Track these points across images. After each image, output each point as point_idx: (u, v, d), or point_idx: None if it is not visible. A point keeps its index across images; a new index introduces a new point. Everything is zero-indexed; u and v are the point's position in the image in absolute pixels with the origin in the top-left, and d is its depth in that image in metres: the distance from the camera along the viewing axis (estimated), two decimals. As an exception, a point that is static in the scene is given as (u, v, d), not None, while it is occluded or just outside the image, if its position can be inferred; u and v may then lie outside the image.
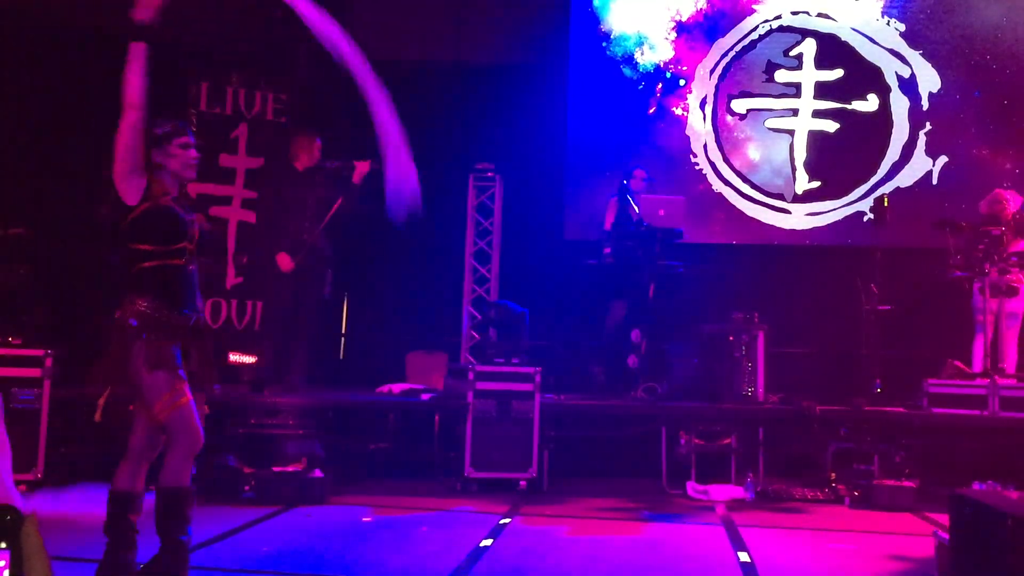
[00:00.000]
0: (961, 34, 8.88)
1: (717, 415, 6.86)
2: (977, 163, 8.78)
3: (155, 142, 3.73)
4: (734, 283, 8.46)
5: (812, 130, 8.98)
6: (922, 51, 8.90)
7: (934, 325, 7.93)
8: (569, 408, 7.04)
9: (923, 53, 8.90)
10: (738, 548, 4.97)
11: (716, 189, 9.05)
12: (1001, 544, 3.38)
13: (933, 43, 8.91)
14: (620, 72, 9.23)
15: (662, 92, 9.16)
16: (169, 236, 3.69)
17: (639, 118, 9.15)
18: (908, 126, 8.90)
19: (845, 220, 8.94)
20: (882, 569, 4.70)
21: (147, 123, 3.70)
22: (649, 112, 9.16)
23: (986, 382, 6.84)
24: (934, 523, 5.45)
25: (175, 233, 3.70)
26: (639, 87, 9.21)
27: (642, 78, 9.22)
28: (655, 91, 9.18)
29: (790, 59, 9.01)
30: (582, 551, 4.88)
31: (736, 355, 7.12)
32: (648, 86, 9.21)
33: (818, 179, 8.97)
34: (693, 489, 6.57)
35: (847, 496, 6.48)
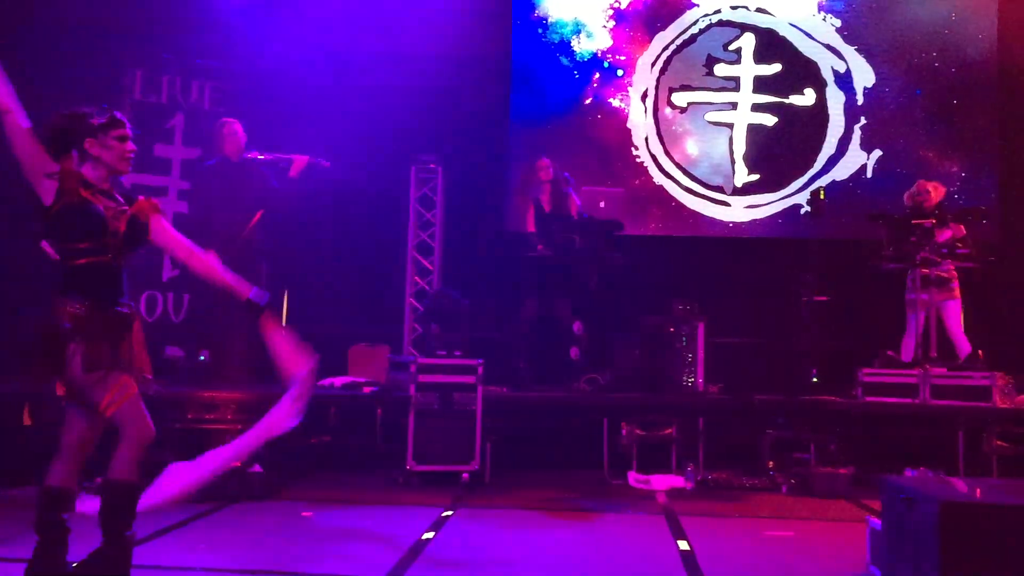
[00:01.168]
0: (898, 32, 9.07)
1: (658, 405, 6.93)
2: (912, 158, 8.98)
3: (91, 132, 3.65)
4: (675, 275, 8.55)
5: (751, 123, 9.10)
6: (857, 47, 9.08)
7: (869, 316, 8.10)
8: (512, 400, 7.05)
9: (858, 49, 9.08)
10: (678, 537, 5.03)
11: (657, 182, 9.13)
12: (930, 527, 3.47)
13: (868, 39, 9.09)
14: (557, 60, 9.22)
15: (599, 82, 9.18)
16: (88, 233, 3.60)
17: (577, 108, 9.16)
18: (844, 120, 9.07)
19: (783, 212, 9.09)
20: (817, 554, 4.80)
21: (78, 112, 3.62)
22: (586, 103, 9.17)
23: (918, 371, 7.01)
24: (868, 509, 5.57)
25: (93, 230, 3.60)
26: (575, 76, 9.21)
27: (579, 67, 9.23)
28: (592, 81, 9.20)
29: (729, 53, 9.12)
30: (524, 542, 4.89)
31: (677, 346, 7.20)
32: (585, 75, 9.22)
33: (757, 172, 9.10)
34: (635, 479, 6.63)
35: (784, 484, 6.59)
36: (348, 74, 8.88)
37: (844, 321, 7.90)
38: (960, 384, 6.91)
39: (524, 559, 4.53)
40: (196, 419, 6.20)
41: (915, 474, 6.21)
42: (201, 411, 6.23)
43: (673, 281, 8.38)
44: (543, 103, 9.17)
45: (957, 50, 9.02)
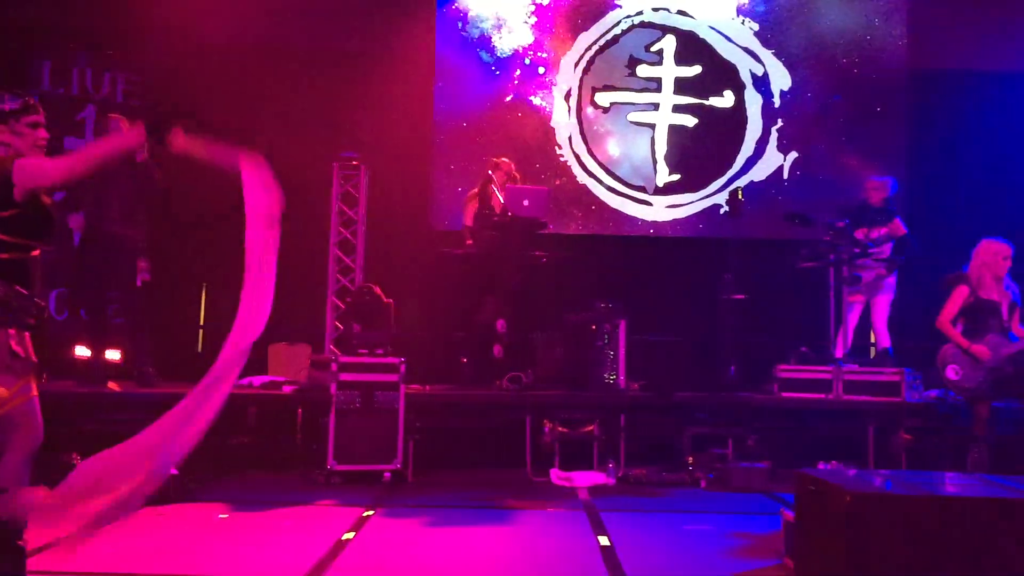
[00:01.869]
0: (816, 37, 9.29)
1: (580, 403, 6.98)
2: (827, 160, 9.20)
3: (2, 119, 3.52)
4: (597, 273, 8.62)
5: (672, 124, 9.23)
6: (774, 50, 9.28)
7: (786, 313, 8.28)
8: (434, 398, 7.02)
9: (775, 52, 9.28)
10: (599, 532, 5.06)
11: (581, 181, 9.18)
12: (840, 519, 3.55)
13: (786, 43, 9.30)
14: (478, 56, 9.20)
15: (521, 79, 9.19)
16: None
17: (498, 105, 9.15)
18: (761, 122, 9.26)
19: (703, 212, 9.24)
20: (734, 547, 4.88)
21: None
22: (506, 100, 9.17)
23: (831, 368, 7.20)
24: (783, 502, 5.70)
25: None
26: (496, 73, 9.20)
27: (500, 63, 9.22)
28: (513, 78, 9.20)
29: (651, 54, 9.23)
30: (445, 541, 4.86)
31: (599, 344, 7.25)
32: (506, 72, 9.21)
33: (678, 172, 9.23)
34: (557, 476, 6.66)
35: (703, 479, 6.70)
36: (267, 67, 8.72)
37: (762, 319, 8.06)
38: (871, 380, 7.13)
39: (444, 558, 4.51)
40: (106, 419, 6.02)
41: (828, 467, 6.36)
42: (112, 411, 6.06)
43: (596, 279, 8.45)
44: (466, 100, 9.14)
45: (874, 57, 9.27)
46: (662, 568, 4.40)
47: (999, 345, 5.85)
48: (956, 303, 6.00)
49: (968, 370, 5.90)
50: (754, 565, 4.49)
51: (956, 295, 6.01)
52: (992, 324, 5.90)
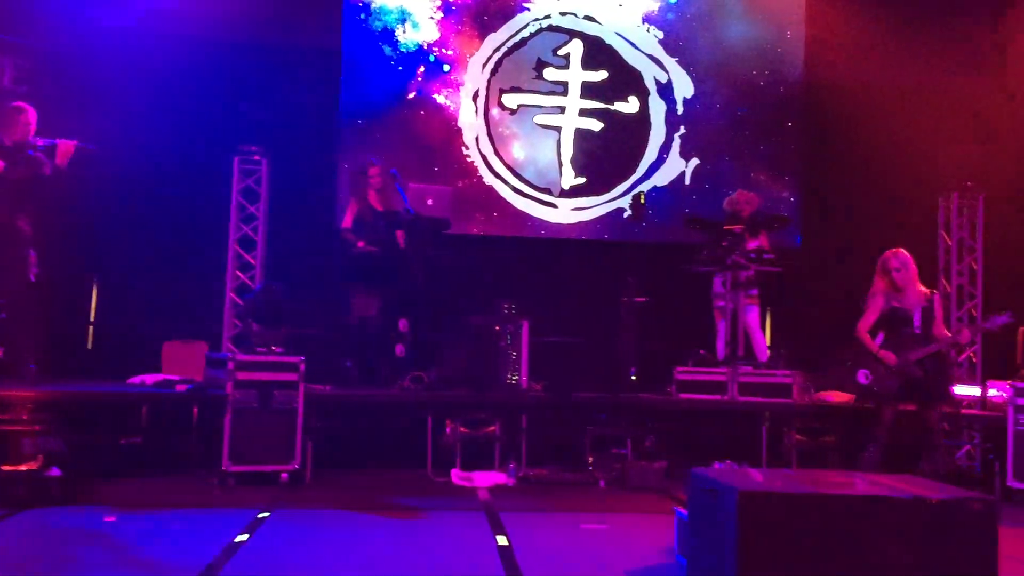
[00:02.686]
0: (718, 48, 9.49)
1: (482, 403, 6.98)
2: (727, 168, 9.43)
3: None
4: (502, 274, 8.64)
5: (578, 128, 9.32)
6: (678, 59, 9.46)
7: (685, 316, 8.45)
8: (334, 398, 6.92)
9: (679, 61, 9.46)
10: (497, 532, 5.07)
11: (487, 182, 9.19)
12: (730, 516, 3.64)
13: (689, 53, 9.49)
14: (381, 50, 9.08)
15: (425, 76, 9.14)
16: None
17: (401, 102, 9.06)
18: (665, 129, 9.44)
19: (607, 216, 9.36)
20: (630, 545, 4.95)
21: None
22: (409, 97, 9.10)
23: (727, 370, 7.38)
24: (678, 500, 5.81)
25: None
26: (399, 69, 9.11)
27: (403, 59, 9.12)
28: (416, 74, 9.13)
29: (558, 58, 9.30)
30: (341, 542, 4.80)
31: (502, 345, 7.28)
32: (409, 68, 9.12)
33: (583, 176, 9.32)
34: (457, 476, 6.65)
35: (602, 479, 6.79)
36: (166, 56, 8.45)
37: (662, 321, 8.21)
38: (764, 382, 7.34)
39: (340, 560, 4.45)
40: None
41: (722, 466, 6.52)
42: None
43: (500, 280, 8.47)
44: (370, 96, 9.02)
45: (774, 70, 9.53)
46: (558, 567, 4.44)
47: (909, 351, 6.09)
48: (874, 312, 6.25)
49: (878, 375, 6.13)
50: (648, 563, 4.56)
51: (873, 305, 6.25)
52: (905, 331, 6.15)
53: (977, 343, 8.50)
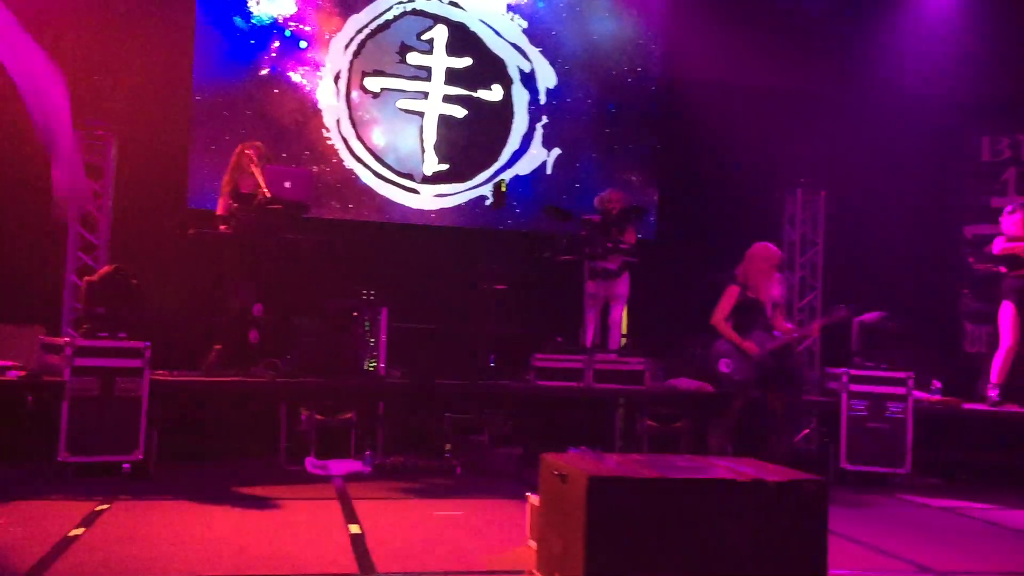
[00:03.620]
0: (581, 41, 9.59)
1: (339, 390, 6.87)
2: (588, 159, 9.58)
3: None
4: (362, 259, 8.51)
5: (442, 114, 9.27)
6: (541, 49, 9.53)
7: (544, 304, 8.55)
8: (183, 386, 6.66)
9: (543, 51, 9.53)
10: (350, 521, 5.01)
11: (348, 165, 9.03)
12: (579, 501, 3.69)
13: (552, 44, 9.57)
14: (232, 22, 8.70)
15: (280, 52, 8.84)
16: None
17: (255, 79, 8.74)
18: (527, 118, 9.50)
19: (470, 203, 9.36)
20: (484, 531, 4.98)
21: None
22: (262, 73, 8.79)
23: (583, 357, 7.51)
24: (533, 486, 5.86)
25: None
26: (251, 42, 8.76)
27: (256, 32, 8.77)
28: (270, 49, 8.82)
29: (422, 43, 9.22)
30: (185, 535, 4.62)
31: (360, 331, 7.17)
32: (262, 42, 8.79)
33: (446, 162, 9.28)
34: (312, 464, 6.53)
35: (459, 465, 6.80)
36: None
37: (521, 309, 8.28)
38: (619, 369, 7.50)
39: (182, 553, 4.28)
40: None
41: (576, 452, 6.63)
42: None
43: (359, 266, 8.34)
44: (222, 71, 8.65)
45: (636, 65, 9.71)
46: (411, 554, 4.41)
47: (764, 341, 6.33)
48: (729, 302, 6.45)
49: (738, 364, 6.35)
50: (501, 548, 4.60)
51: (728, 295, 6.45)
52: (758, 321, 6.38)
53: (816, 333, 8.95)
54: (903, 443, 6.99)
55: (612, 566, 3.60)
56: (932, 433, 7.33)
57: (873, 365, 7.22)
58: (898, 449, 6.99)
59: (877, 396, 7.08)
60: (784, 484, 3.76)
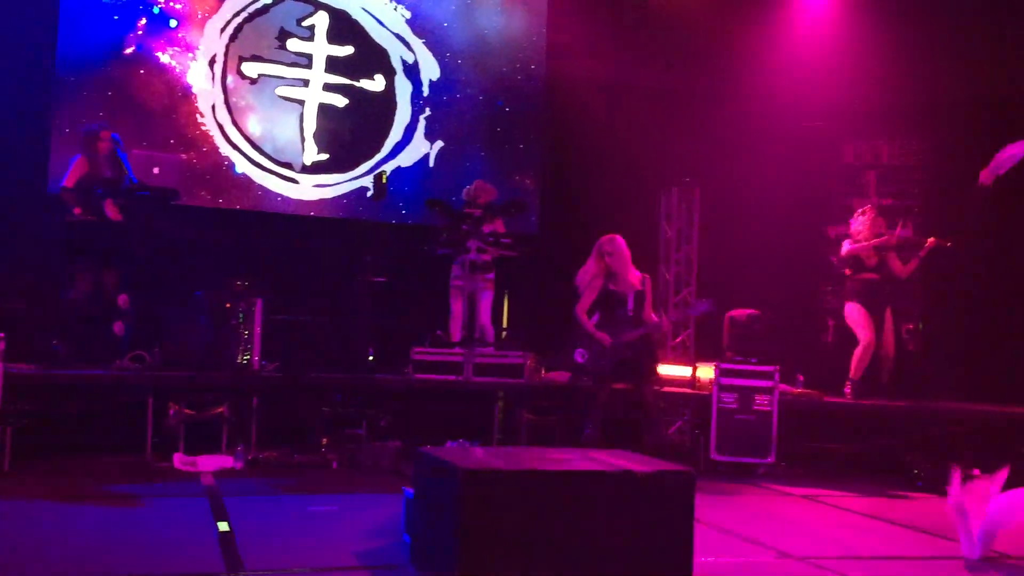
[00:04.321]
0: (465, 34, 9.57)
1: (210, 384, 6.67)
2: (470, 152, 9.57)
3: None
4: (237, 249, 8.29)
5: (322, 103, 9.10)
6: (425, 40, 9.47)
7: (424, 297, 8.51)
8: (40, 379, 6.34)
9: (426, 43, 9.47)
10: (219, 518, 4.86)
11: (224, 152, 8.76)
12: (454, 495, 3.69)
13: (436, 36, 9.51)
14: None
15: (146, 30, 8.45)
16: None
17: (120, 59, 8.34)
18: (410, 109, 9.43)
19: (350, 194, 9.22)
20: (358, 526, 4.92)
21: None
22: (127, 52, 8.39)
23: (463, 350, 7.51)
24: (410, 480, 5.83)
25: None
26: (115, 19, 8.35)
27: (120, 7, 8.36)
28: (137, 27, 8.41)
29: (303, 29, 9.02)
30: (40, 535, 4.40)
31: (233, 322, 6.98)
32: (127, 19, 8.37)
33: (326, 152, 9.12)
34: (180, 461, 6.32)
35: (335, 460, 6.71)
36: None
37: (401, 302, 8.22)
38: (498, 363, 7.54)
39: (38, 555, 4.07)
40: None
41: (454, 445, 6.64)
42: None
43: (234, 256, 8.13)
44: (85, 48, 8.21)
45: (519, 61, 9.73)
46: (281, 551, 4.31)
47: (622, 332, 6.43)
48: (591, 294, 6.51)
49: (593, 355, 6.43)
50: (375, 543, 4.55)
51: (591, 287, 6.50)
52: (618, 313, 6.47)
53: (691, 327, 9.20)
54: (769, 434, 7.25)
55: (485, 559, 3.61)
56: (796, 424, 7.64)
57: (742, 359, 7.47)
58: (764, 440, 7.25)
59: (745, 389, 7.32)
60: (652, 475, 3.85)
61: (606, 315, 6.52)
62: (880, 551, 4.93)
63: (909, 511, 6.08)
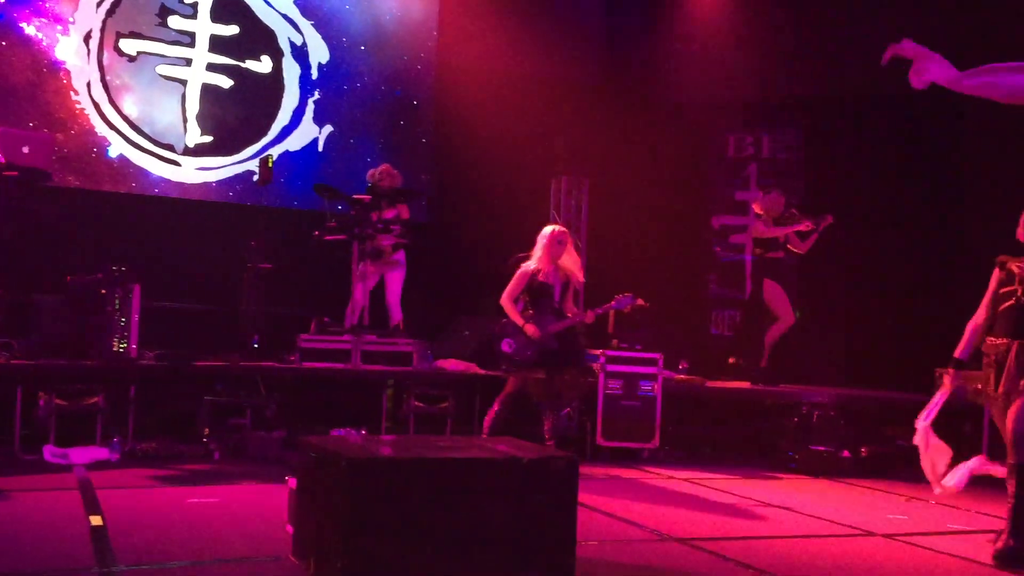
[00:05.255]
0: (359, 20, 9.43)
1: (84, 373, 6.42)
2: (361, 138, 9.43)
3: None
4: (113, 233, 7.99)
5: (206, 83, 8.82)
6: (314, 22, 9.29)
7: (312, 283, 8.37)
8: None
9: (315, 24, 9.29)
10: (92, 512, 4.68)
11: (100, 132, 8.40)
12: (337, 484, 3.65)
13: (326, 19, 9.34)
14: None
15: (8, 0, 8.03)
16: None
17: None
18: (299, 92, 9.24)
19: (236, 178, 8.99)
20: (240, 517, 4.83)
21: None
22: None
23: (350, 338, 7.43)
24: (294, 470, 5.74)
25: None
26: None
27: None
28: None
29: (185, 6, 8.71)
30: None
31: (109, 309, 6.70)
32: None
33: (210, 134, 8.86)
34: (51, 453, 6.05)
35: (218, 450, 6.55)
36: None
37: (288, 288, 8.07)
38: (387, 350, 7.49)
39: None
40: None
41: (342, 434, 6.57)
42: None
43: (110, 240, 7.83)
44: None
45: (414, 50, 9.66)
46: (157, 544, 4.18)
47: (548, 323, 6.44)
48: (519, 284, 6.49)
49: (520, 344, 6.43)
50: (256, 535, 4.46)
51: (519, 276, 6.50)
52: (544, 304, 6.48)
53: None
54: (653, 419, 7.43)
55: (370, 549, 3.58)
56: (679, 409, 7.85)
57: (628, 346, 7.63)
58: (648, 425, 7.43)
59: (631, 375, 7.48)
60: (536, 461, 3.89)
61: (532, 304, 6.52)
62: (754, 531, 5.12)
63: (781, 492, 6.33)
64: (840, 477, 6.98)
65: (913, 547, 4.90)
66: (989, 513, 5.66)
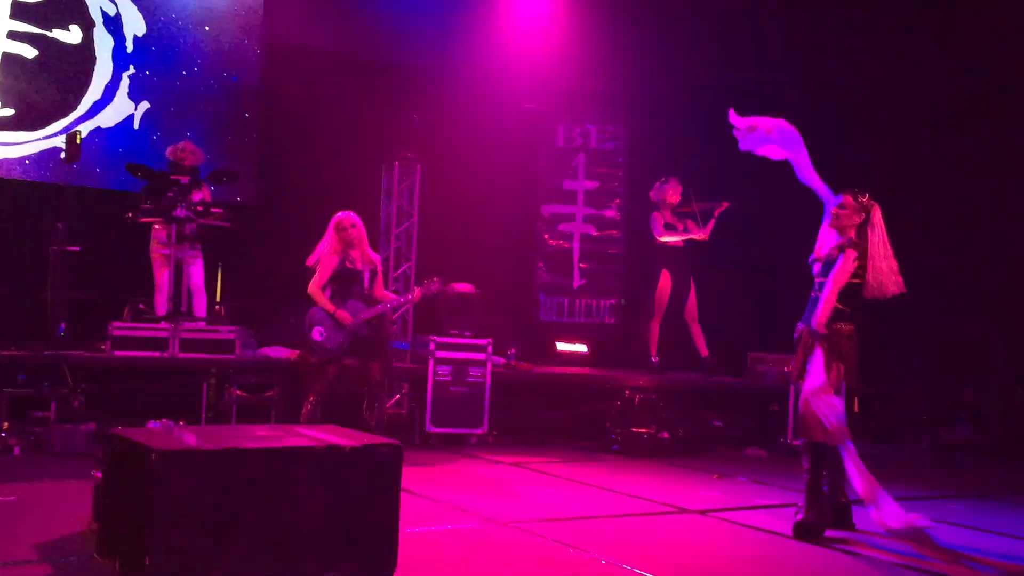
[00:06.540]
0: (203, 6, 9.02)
1: None
2: (181, 116, 8.94)
3: None
4: None
5: (7, 52, 8.18)
6: (123, -8, 8.78)
7: (124, 268, 7.92)
8: None
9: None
10: None
11: None
12: (146, 477, 3.47)
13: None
14: None
15: None
16: None
17: None
18: (112, 66, 8.70)
19: (41, 155, 8.38)
20: (42, 516, 4.57)
21: None
22: None
23: (167, 325, 7.09)
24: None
25: None
26: None
27: None
28: None
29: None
30: None
31: None
32: None
33: (12, 107, 8.22)
34: None
35: (18, 446, 6.13)
36: None
37: (98, 273, 7.61)
38: (207, 338, 7.20)
39: None
40: None
41: (157, 425, 6.25)
42: None
43: None
44: None
45: (240, 27, 9.22)
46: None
47: (359, 310, 6.32)
48: (327, 271, 6.35)
49: (331, 332, 6.29)
50: (59, 533, 4.19)
51: (326, 264, 6.36)
52: (354, 291, 6.36)
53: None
54: (482, 405, 7.49)
55: (179, 545, 3.42)
56: (508, 395, 7.95)
57: (457, 333, 7.64)
58: (477, 411, 7.48)
59: (460, 362, 7.51)
60: (358, 449, 3.83)
61: (341, 291, 6.40)
62: (577, 512, 5.25)
63: (605, 473, 6.52)
64: (660, 457, 7.26)
65: (723, 522, 5.16)
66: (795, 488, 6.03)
